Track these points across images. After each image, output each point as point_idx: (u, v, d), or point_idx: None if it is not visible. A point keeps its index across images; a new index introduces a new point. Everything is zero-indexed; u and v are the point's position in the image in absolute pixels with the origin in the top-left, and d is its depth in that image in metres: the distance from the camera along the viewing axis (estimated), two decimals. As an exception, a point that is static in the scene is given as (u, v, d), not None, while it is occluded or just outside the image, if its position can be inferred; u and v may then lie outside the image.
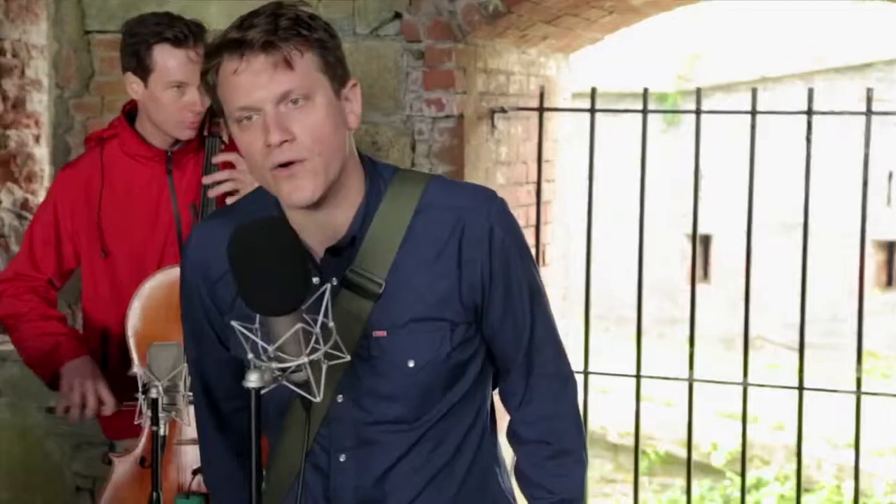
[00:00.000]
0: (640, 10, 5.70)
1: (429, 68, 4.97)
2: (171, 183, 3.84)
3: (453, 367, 2.36)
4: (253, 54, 2.18)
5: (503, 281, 2.36)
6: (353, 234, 2.32)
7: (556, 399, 2.44)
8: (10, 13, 6.29)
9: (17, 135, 6.41)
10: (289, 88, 2.20)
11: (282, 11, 2.21)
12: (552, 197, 5.93)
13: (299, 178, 2.22)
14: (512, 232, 2.39)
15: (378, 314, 2.32)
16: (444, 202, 2.36)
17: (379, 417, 2.36)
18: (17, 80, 6.34)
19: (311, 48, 2.22)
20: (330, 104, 2.25)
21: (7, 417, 5.59)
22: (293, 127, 2.21)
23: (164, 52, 3.71)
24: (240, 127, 2.24)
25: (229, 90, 2.22)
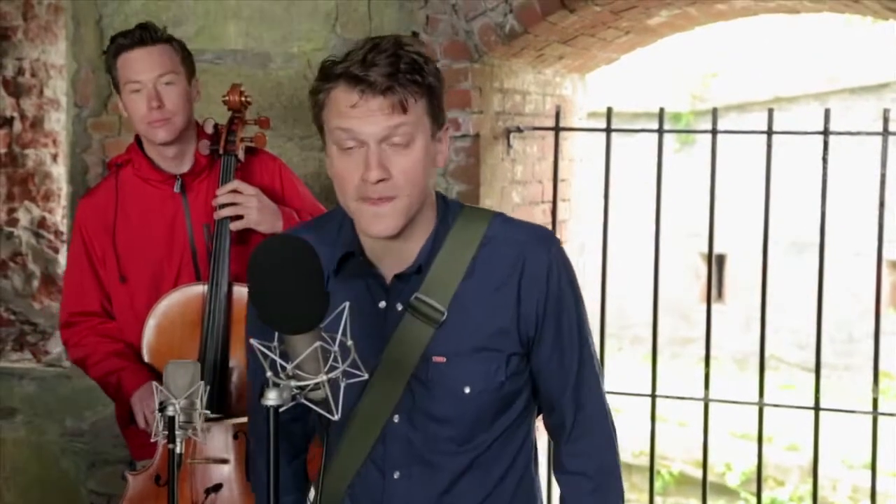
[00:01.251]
0: (656, 30, 5.71)
1: (445, 88, 4.97)
2: (186, 205, 3.85)
3: (505, 396, 2.46)
4: (373, 95, 2.27)
5: (555, 319, 2.46)
6: (420, 263, 2.41)
7: (600, 438, 2.56)
8: (29, 33, 6.34)
9: (35, 154, 6.45)
10: (397, 128, 2.28)
11: (402, 52, 2.30)
12: (568, 216, 5.94)
13: (385, 213, 2.32)
14: (568, 274, 2.48)
15: (438, 340, 2.41)
16: (508, 236, 2.45)
17: (433, 439, 2.45)
18: (35, 100, 6.38)
19: (423, 94, 2.32)
20: (427, 147, 2.34)
21: (23, 435, 5.61)
22: (391, 167, 2.30)
23: (123, 59, 3.74)
24: (339, 152, 2.33)
25: (337, 117, 2.31)
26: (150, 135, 3.77)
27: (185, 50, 3.85)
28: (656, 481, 11.99)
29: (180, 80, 3.76)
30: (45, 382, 5.52)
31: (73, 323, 3.95)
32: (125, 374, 3.83)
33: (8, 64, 6.30)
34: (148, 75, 3.70)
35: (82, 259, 3.91)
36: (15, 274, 6.22)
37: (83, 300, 3.93)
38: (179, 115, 3.74)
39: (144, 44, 3.72)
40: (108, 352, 3.90)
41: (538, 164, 5.58)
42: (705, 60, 16.34)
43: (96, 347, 3.91)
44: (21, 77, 6.38)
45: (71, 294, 3.96)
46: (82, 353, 3.94)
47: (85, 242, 3.90)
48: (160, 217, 3.84)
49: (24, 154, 6.40)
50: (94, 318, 3.93)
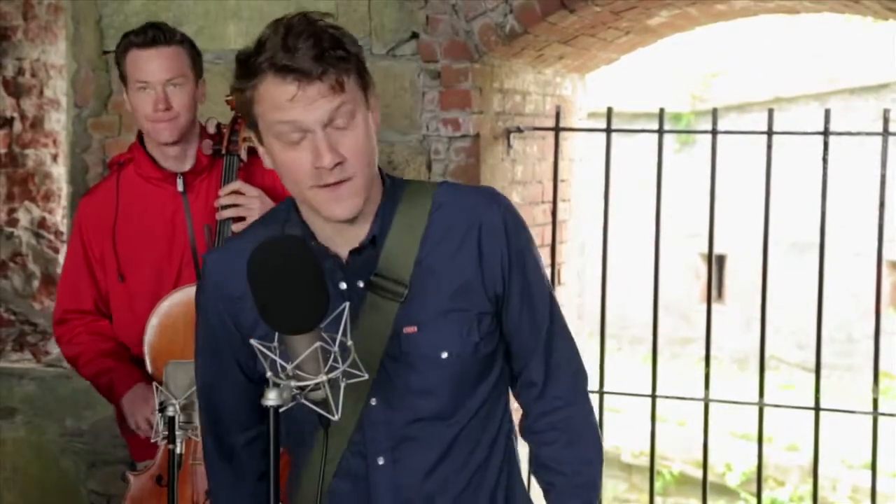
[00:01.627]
0: (656, 30, 5.71)
1: (445, 88, 4.98)
2: (186, 204, 3.85)
3: (482, 359, 2.42)
4: (309, 82, 2.21)
5: (521, 272, 2.43)
6: (373, 234, 2.38)
7: (573, 389, 2.51)
8: (29, 33, 6.34)
9: (35, 154, 6.45)
10: (338, 108, 2.24)
11: (318, 31, 2.23)
12: (567, 216, 5.94)
13: (344, 195, 2.28)
14: (522, 225, 2.47)
15: (406, 311, 2.37)
16: (457, 200, 2.44)
17: (415, 415, 2.40)
18: (35, 100, 6.39)
19: (353, 68, 2.27)
20: (365, 119, 2.31)
21: (23, 435, 5.61)
22: (341, 148, 2.26)
23: (132, 56, 3.74)
24: (283, 145, 2.28)
25: (275, 110, 2.25)
26: (154, 134, 3.78)
27: (196, 50, 3.85)
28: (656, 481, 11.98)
29: (188, 83, 3.76)
30: (44, 382, 5.53)
31: (66, 320, 3.96)
32: (115, 375, 3.84)
33: (8, 64, 6.31)
34: (157, 77, 3.71)
35: (79, 258, 3.92)
36: (15, 274, 6.23)
37: (77, 298, 3.94)
38: (184, 116, 3.75)
39: (156, 44, 3.72)
40: (99, 351, 3.91)
41: (538, 165, 5.58)
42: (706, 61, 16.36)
43: (88, 346, 3.92)
44: (21, 77, 6.38)
45: (66, 292, 3.98)
46: (74, 351, 3.95)
47: (83, 242, 3.90)
48: (161, 216, 3.85)
49: (24, 154, 6.41)
50: (88, 316, 3.95)
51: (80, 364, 3.94)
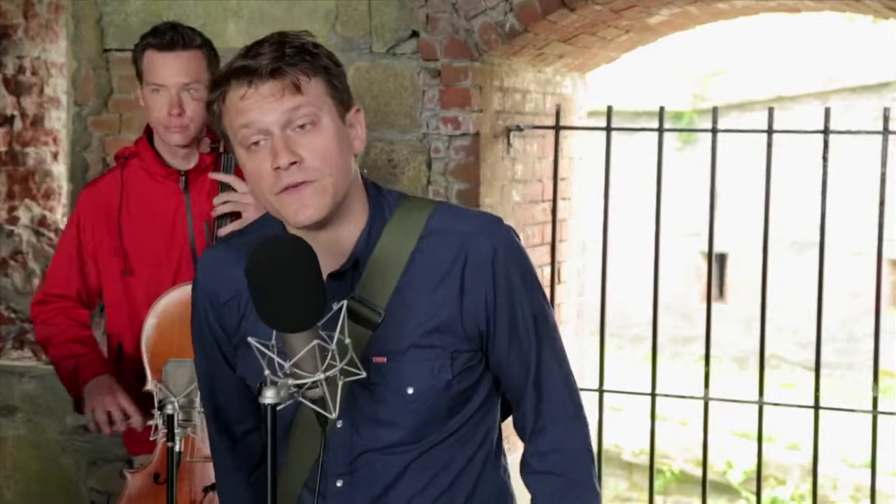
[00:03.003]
0: (656, 29, 5.71)
1: (445, 86, 4.99)
2: (188, 201, 3.86)
3: (455, 395, 2.35)
4: (261, 80, 2.21)
5: (507, 309, 2.35)
6: (356, 258, 2.33)
7: (567, 430, 2.43)
8: (29, 31, 6.35)
9: (36, 152, 6.45)
10: (296, 110, 2.22)
11: (287, 40, 2.25)
12: (568, 215, 5.94)
13: (306, 197, 2.24)
14: (516, 259, 2.37)
15: (378, 339, 2.32)
16: (449, 228, 2.35)
17: (377, 444, 2.35)
18: (35, 98, 6.39)
19: (317, 73, 2.25)
20: (337, 128, 2.27)
21: (24, 433, 5.62)
22: (300, 150, 2.22)
23: (149, 57, 3.75)
24: (247, 153, 2.26)
25: (236, 115, 2.25)
26: (165, 138, 3.79)
27: (214, 53, 3.84)
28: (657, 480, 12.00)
29: (202, 88, 3.73)
30: (45, 380, 5.52)
31: (47, 301, 3.98)
32: (83, 360, 3.86)
33: (8, 62, 6.31)
34: (172, 81, 3.70)
35: (72, 247, 3.93)
36: (15, 272, 6.23)
37: (61, 284, 3.96)
38: (196, 122, 3.76)
39: (174, 48, 3.72)
40: (72, 336, 3.92)
41: (538, 163, 5.58)
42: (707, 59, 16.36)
43: (63, 329, 3.93)
44: (21, 75, 6.39)
45: (52, 277, 4.00)
46: (48, 332, 3.95)
47: (79, 231, 3.92)
48: (162, 212, 3.86)
49: (24, 152, 6.41)
50: (68, 301, 3.96)
51: (52, 344, 3.93)
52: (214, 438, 2.59)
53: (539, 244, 5.58)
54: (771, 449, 11.81)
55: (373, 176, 4.98)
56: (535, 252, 5.56)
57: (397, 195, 2.42)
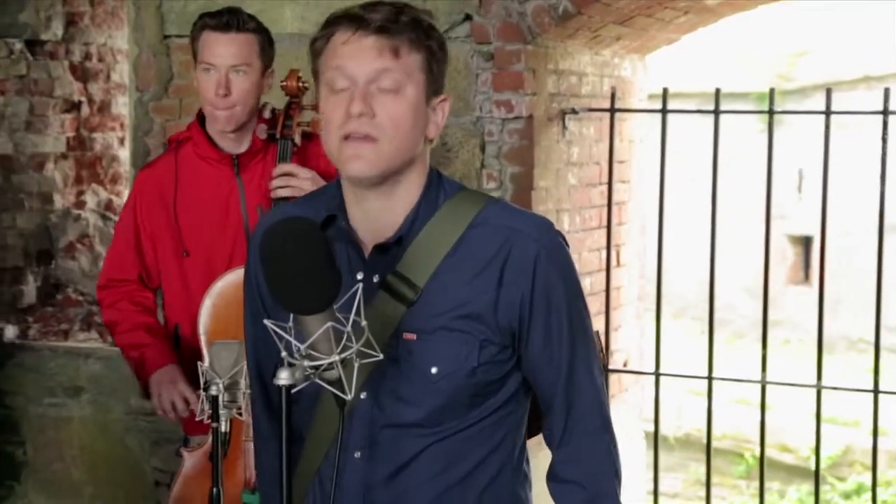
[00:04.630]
0: (716, 10, 5.65)
1: (498, 70, 4.99)
2: (241, 185, 3.91)
3: (478, 385, 2.37)
4: (366, 33, 2.26)
5: (543, 312, 2.36)
6: (401, 234, 2.36)
7: (595, 443, 2.44)
8: (95, 19, 6.45)
9: (103, 137, 6.57)
10: (387, 72, 2.26)
11: (406, 9, 2.31)
12: (627, 197, 5.91)
13: (363, 150, 2.28)
14: (559, 265, 2.39)
15: (410, 317, 2.34)
16: (498, 221, 2.37)
17: (395, 420, 2.37)
18: (102, 84, 6.50)
19: (419, 49, 2.30)
20: (418, 104, 2.31)
21: (90, 413, 5.73)
22: (377, 107, 2.27)
23: (204, 37, 3.83)
24: (329, 94, 2.31)
25: (332, 57, 2.30)
26: (212, 120, 3.87)
27: (269, 41, 3.90)
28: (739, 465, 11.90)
29: (252, 72, 3.81)
30: (110, 362, 5.62)
31: (109, 286, 4.05)
32: (148, 351, 3.93)
33: (75, 49, 6.42)
34: (222, 61, 3.77)
35: (130, 229, 4.00)
36: (82, 255, 6.35)
37: (122, 268, 4.03)
38: (242, 105, 3.81)
39: (228, 29, 3.79)
40: (138, 323, 3.99)
41: (595, 146, 5.56)
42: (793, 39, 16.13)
43: (128, 315, 4.00)
44: (88, 62, 6.50)
45: (112, 261, 4.07)
46: (115, 316, 4.03)
47: (136, 213, 3.98)
48: (216, 196, 3.91)
49: (91, 138, 6.53)
50: (131, 285, 4.03)
51: (118, 331, 4.02)
52: (256, 404, 2.65)
53: (596, 227, 5.56)
54: (857, 435, 11.65)
55: (426, 159, 5.02)
56: (593, 235, 5.55)
57: (456, 185, 2.45)
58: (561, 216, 5.28)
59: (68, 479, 5.81)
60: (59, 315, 6.18)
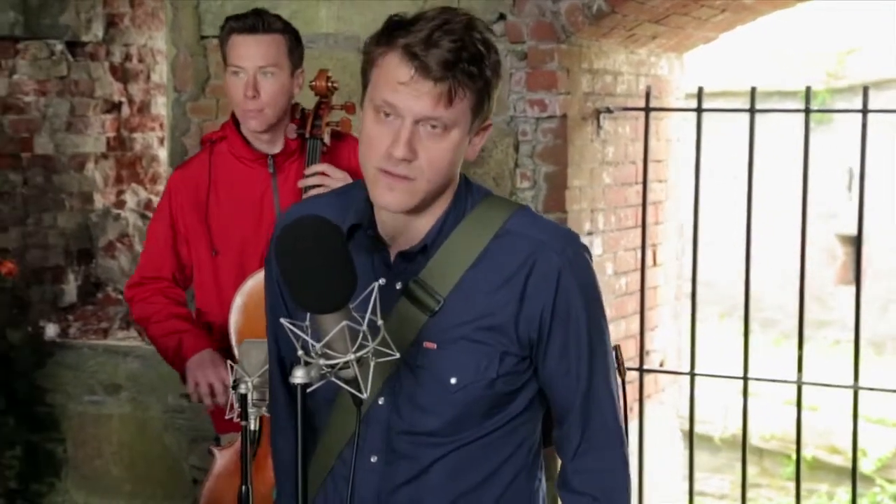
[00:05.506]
0: (754, 7, 5.62)
1: (531, 69, 4.99)
2: (275, 185, 3.93)
3: (496, 396, 2.37)
4: (425, 77, 2.23)
5: (563, 327, 2.36)
6: (426, 243, 2.36)
7: (611, 456, 2.45)
8: (136, 20, 6.50)
9: (143, 137, 6.62)
10: (437, 117, 2.25)
11: (469, 38, 2.25)
12: (664, 197, 5.89)
13: (398, 190, 2.28)
14: (582, 279, 2.38)
15: (432, 325, 2.35)
16: (524, 232, 2.37)
17: (411, 427, 2.38)
18: (142, 85, 6.55)
19: (475, 90, 2.27)
20: (462, 140, 2.30)
21: (128, 411, 5.78)
22: (419, 149, 2.26)
23: (231, 40, 3.84)
24: (376, 116, 2.30)
25: (384, 86, 2.27)
26: (243, 121, 3.88)
27: (296, 41, 3.91)
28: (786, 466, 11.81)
29: (281, 73, 3.82)
30: (148, 360, 5.66)
31: (142, 283, 4.06)
32: (187, 336, 3.94)
33: (115, 50, 6.48)
34: (249, 63, 3.78)
35: (165, 228, 4.02)
36: (122, 254, 6.39)
37: (157, 266, 4.05)
38: (272, 107, 3.82)
39: (255, 31, 3.80)
40: (172, 313, 4.00)
41: (631, 145, 5.54)
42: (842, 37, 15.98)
43: (162, 307, 4.01)
44: (129, 63, 6.55)
45: (147, 259, 4.08)
46: (147, 310, 4.04)
47: (172, 213, 4.00)
48: (250, 195, 3.93)
49: (131, 138, 6.58)
50: (164, 282, 4.05)
51: (153, 322, 4.02)
52: (276, 394, 2.66)
53: (632, 226, 5.54)
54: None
55: (460, 159, 5.03)
56: (629, 234, 5.54)
57: (484, 192, 2.45)
58: (595, 215, 5.27)
59: (107, 476, 5.86)
60: (98, 313, 6.24)
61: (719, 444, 11.88)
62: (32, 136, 6.14)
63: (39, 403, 5.96)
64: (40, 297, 6.18)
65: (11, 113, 6.06)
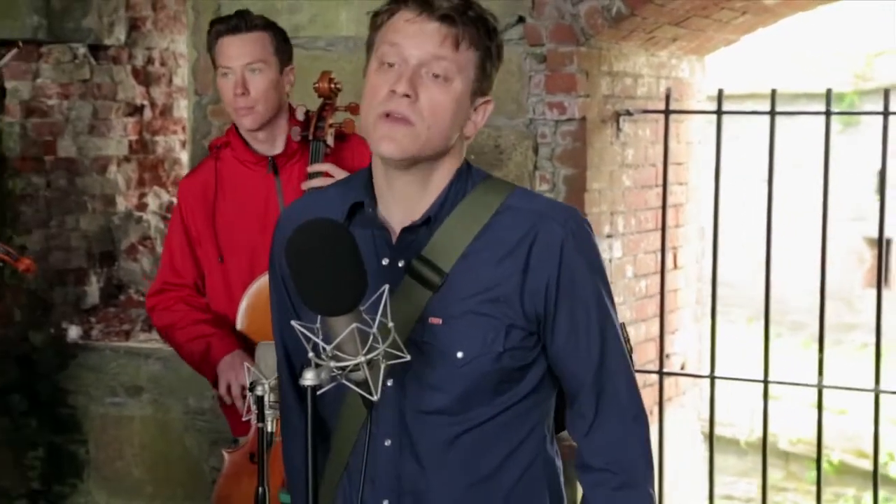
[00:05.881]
0: (774, 10, 5.60)
1: (550, 72, 4.99)
2: (279, 187, 3.94)
3: (504, 371, 2.36)
4: (432, 17, 2.27)
5: (569, 299, 2.36)
6: (429, 215, 2.37)
7: (626, 429, 2.42)
8: (158, 23, 6.53)
9: (165, 140, 6.64)
10: (441, 60, 2.28)
11: (475, 6, 2.32)
12: (685, 199, 5.88)
13: (397, 132, 2.28)
14: (585, 249, 2.39)
15: (436, 301, 2.35)
16: (525, 206, 2.39)
17: (422, 406, 2.37)
18: (164, 88, 6.57)
19: (478, 47, 2.31)
20: (462, 99, 2.31)
21: (150, 413, 5.80)
22: (422, 92, 2.28)
23: (219, 43, 3.89)
24: (378, 68, 2.32)
25: (392, 32, 2.31)
26: (236, 120, 3.92)
27: (282, 38, 3.94)
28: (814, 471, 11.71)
29: (269, 69, 3.85)
30: (169, 362, 5.68)
31: (165, 290, 4.07)
32: (215, 339, 3.93)
33: (138, 54, 6.51)
34: (236, 62, 3.82)
35: (181, 235, 4.03)
36: (143, 257, 6.42)
37: (179, 273, 4.05)
38: (263, 103, 3.84)
39: (238, 31, 3.85)
40: (197, 319, 4.00)
41: (651, 148, 5.53)
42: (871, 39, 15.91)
43: (185, 314, 4.02)
44: (151, 66, 6.58)
45: (168, 266, 4.08)
46: (170, 318, 4.04)
47: (184, 220, 4.02)
48: (254, 198, 3.94)
49: (154, 141, 6.61)
50: (186, 290, 4.05)
51: (177, 329, 4.02)
52: (286, 398, 2.66)
53: (652, 229, 5.53)
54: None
55: (480, 161, 5.02)
56: (649, 237, 5.53)
57: (484, 174, 2.46)
58: (615, 218, 5.26)
59: (129, 478, 5.89)
60: (120, 315, 6.27)
61: (746, 448, 11.84)
62: (55, 139, 6.18)
63: (62, 405, 6.00)
64: (63, 299, 6.22)
65: (35, 116, 6.10)
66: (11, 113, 6.06)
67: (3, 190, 6.04)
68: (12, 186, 6.05)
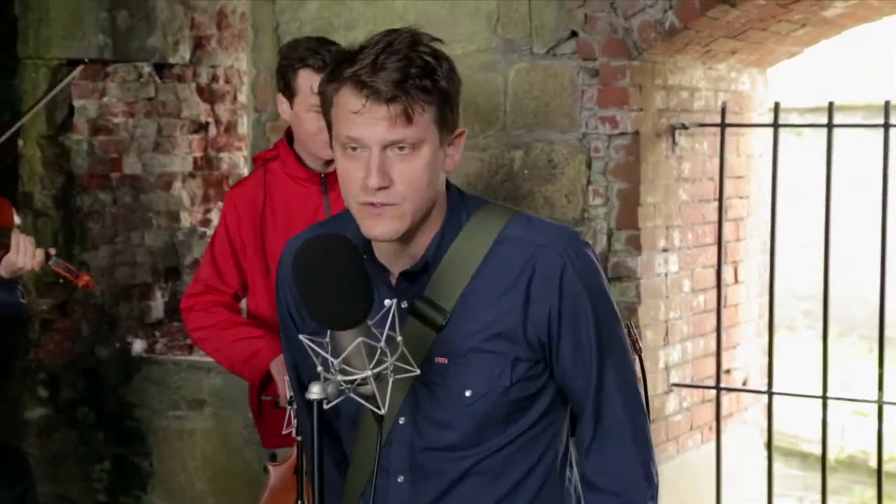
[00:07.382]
0: (836, 22, 5.52)
1: (603, 86, 4.96)
2: (327, 203, 3.96)
3: (514, 402, 2.37)
4: (377, 103, 2.22)
5: (572, 325, 2.36)
6: (426, 261, 2.37)
7: (621, 453, 2.42)
8: (222, 42, 6.62)
9: (229, 157, 6.72)
10: (401, 139, 2.25)
11: (415, 53, 2.23)
12: (746, 213, 5.81)
13: (385, 218, 2.28)
14: (585, 275, 2.38)
15: (441, 341, 2.35)
16: (522, 237, 2.37)
17: (432, 444, 2.38)
18: (228, 105, 6.66)
19: (433, 102, 2.26)
20: (434, 154, 2.29)
21: (211, 426, 5.86)
22: (393, 173, 2.26)
23: (306, 76, 3.86)
24: (343, 153, 2.30)
25: (343, 122, 2.27)
26: (321, 152, 3.88)
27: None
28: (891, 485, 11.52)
29: None
30: (230, 376, 5.67)
31: (206, 293, 4.09)
32: (263, 341, 3.95)
33: (202, 72, 6.60)
34: None
35: (226, 245, 4.06)
36: (207, 272, 6.50)
37: (224, 278, 4.07)
38: None
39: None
40: (240, 321, 4.04)
41: (709, 161, 5.47)
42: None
43: (228, 317, 4.05)
44: (215, 84, 6.67)
45: (212, 271, 4.10)
46: (213, 319, 4.07)
47: (228, 231, 4.05)
48: (302, 214, 3.95)
49: (218, 157, 6.69)
50: (227, 297, 4.08)
51: (217, 329, 4.04)
52: (301, 416, 2.70)
53: (711, 243, 5.47)
54: None
55: (532, 176, 5.03)
56: (707, 251, 5.47)
57: (480, 202, 2.45)
58: (671, 232, 5.22)
59: (191, 490, 5.95)
60: (184, 330, 6.34)
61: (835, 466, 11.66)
62: (121, 156, 6.29)
63: (127, 418, 6.09)
64: (128, 314, 6.31)
65: (101, 134, 6.22)
66: (79, 131, 6.18)
67: (71, 207, 6.15)
68: (80, 204, 6.16)
